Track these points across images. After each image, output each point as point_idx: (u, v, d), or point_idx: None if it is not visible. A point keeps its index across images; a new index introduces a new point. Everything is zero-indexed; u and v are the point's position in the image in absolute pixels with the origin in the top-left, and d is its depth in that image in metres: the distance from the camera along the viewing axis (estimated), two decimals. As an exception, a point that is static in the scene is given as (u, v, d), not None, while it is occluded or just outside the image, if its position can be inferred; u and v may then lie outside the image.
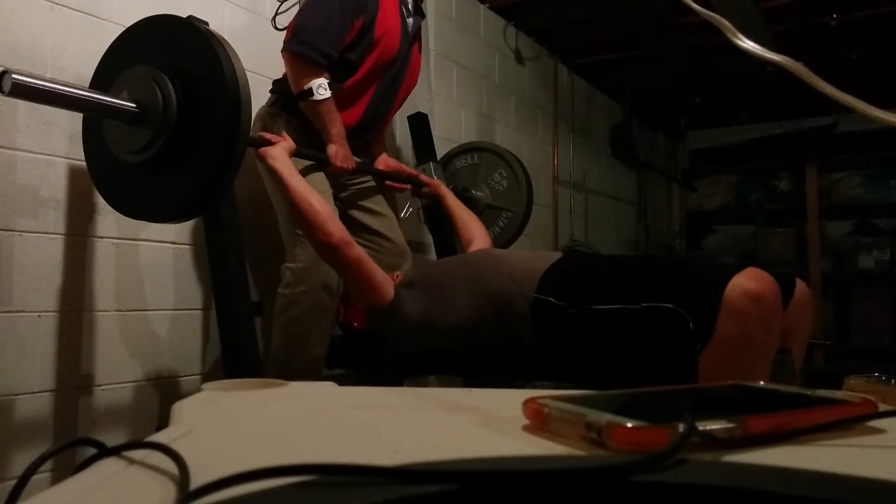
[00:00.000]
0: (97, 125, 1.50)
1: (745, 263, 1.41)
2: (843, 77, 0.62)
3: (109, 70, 1.50)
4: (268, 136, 1.70)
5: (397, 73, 2.02)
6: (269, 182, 1.88)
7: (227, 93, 1.31)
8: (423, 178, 2.28)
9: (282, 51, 1.84)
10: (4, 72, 1.19)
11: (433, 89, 2.84)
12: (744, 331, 1.30)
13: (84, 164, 1.68)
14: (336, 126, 1.86)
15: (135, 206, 1.52)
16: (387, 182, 2.19)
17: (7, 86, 1.19)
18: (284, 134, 1.73)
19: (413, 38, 2.07)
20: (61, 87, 1.32)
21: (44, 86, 1.28)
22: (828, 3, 3.18)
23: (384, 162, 2.18)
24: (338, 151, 1.87)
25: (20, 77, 1.21)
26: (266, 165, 1.65)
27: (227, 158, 1.34)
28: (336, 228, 1.59)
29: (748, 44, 0.66)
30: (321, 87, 1.80)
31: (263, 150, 1.65)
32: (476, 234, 2.10)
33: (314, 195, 1.62)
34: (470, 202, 2.47)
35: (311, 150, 1.83)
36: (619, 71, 4.21)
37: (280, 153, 1.65)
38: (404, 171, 2.23)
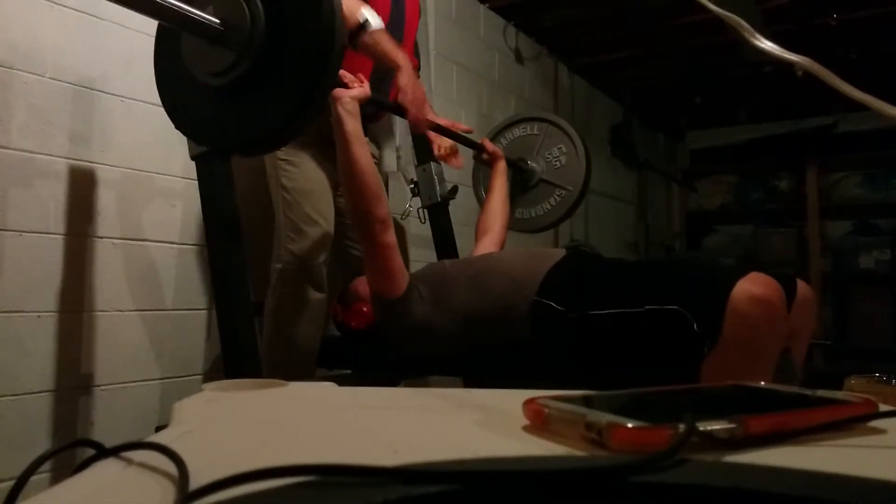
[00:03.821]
0: (174, 42, 1.38)
1: (749, 267, 1.41)
2: (843, 76, 0.61)
3: None
4: (346, 76, 1.59)
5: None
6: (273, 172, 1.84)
7: (320, 20, 1.21)
8: (487, 145, 2.23)
9: None
10: None
11: (433, 89, 2.84)
12: (749, 335, 1.30)
13: (84, 164, 1.68)
14: (401, 53, 1.70)
15: (208, 132, 1.41)
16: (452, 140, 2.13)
17: None
18: (362, 77, 1.63)
19: None
20: None
21: None
22: (828, 3, 3.18)
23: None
24: (407, 83, 1.70)
25: None
26: (333, 110, 1.55)
27: (315, 91, 1.24)
28: (381, 208, 1.56)
29: (766, 44, 0.66)
30: (372, 15, 1.68)
31: (337, 91, 1.55)
32: (495, 227, 2.06)
33: (373, 168, 1.57)
34: (524, 173, 2.42)
35: (384, 99, 1.73)
36: (619, 71, 4.21)
37: (351, 103, 1.55)
38: (460, 127, 2.15)
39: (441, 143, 2.21)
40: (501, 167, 2.22)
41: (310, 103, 1.26)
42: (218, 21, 1.25)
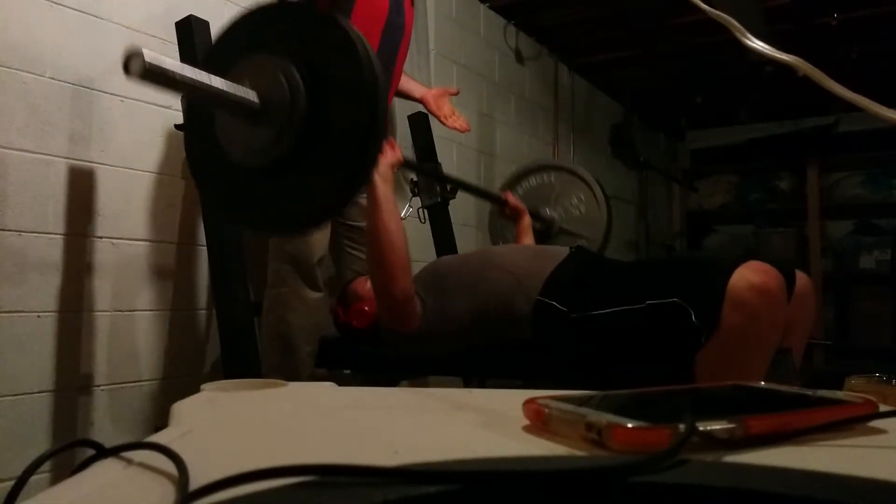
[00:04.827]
0: (206, 118, 1.32)
1: (748, 256, 1.40)
2: (843, 76, 0.61)
3: (223, 56, 1.29)
4: None
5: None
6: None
7: (364, 93, 1.15)
8: (510, 199, 2.19)
9: None
10: (136, 53, 0.94)
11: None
12: (749, 323, 1.29)
13: (83, 164, 1.68)
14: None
15: (245, 212, 1.33)
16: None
17: (137, 68, 0.95)
18: (392, 140, 1.60)
19: None
20: (188, 76, 1.10)
21: (174, 73, 1.05)
22: (828, 3, 3.18)
23: (434, 99, 2.13)
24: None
25: (153, 62, 0.98)
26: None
27: (359, 170, 1.19)
28: (405, 283, 1.53)
29: (757, 43, 0.66)
30: None
31: None
32: None
33: (401, 237, 1.53)
34: (543, 222, 2.40)
35: (419, 163, 1.74)
36: (619, 71, 4.21)
37: (386, 169, 1.50)
38: (451, 91, 2.19)
39: (442, 113, 2.19)
40: (526, 223, 2.17)
41: (353, 182, 1.18)
42: (256, 99, 1.17)
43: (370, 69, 1.15)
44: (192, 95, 1.22)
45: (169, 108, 1.86)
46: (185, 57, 1.69)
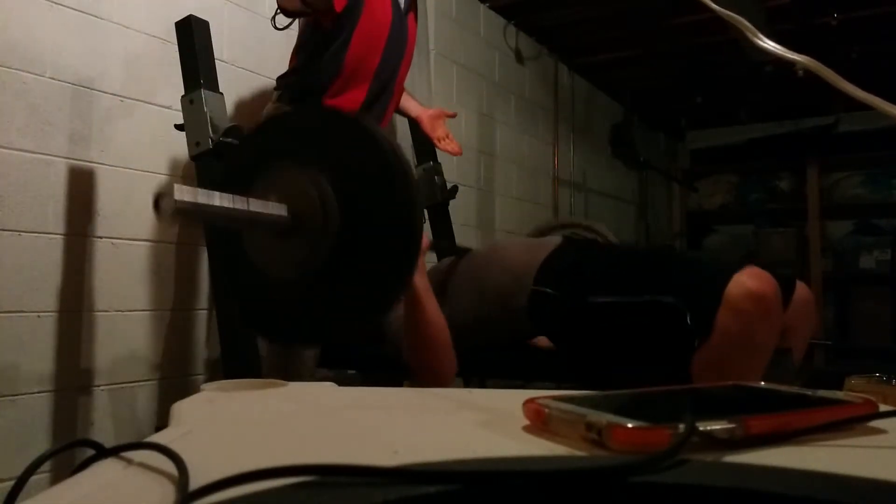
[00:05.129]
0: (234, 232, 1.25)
1: (746, 262, 1.40)
2: (843, 76, 0.62)
3: (246, 169, 1.23)
4: None
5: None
6: None
7: (400, 202, 1.10)
8: None
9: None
10: (166, 193, 0.93)
11: (433, 89, 2.84)
12: (744, 329, 1.29)
13: (83, 164, 1.68)
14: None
15: (280, 326, 1.27)
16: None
17: (168, 208, 0.95)
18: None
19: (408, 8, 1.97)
20: (219, 205, 1.05)
21: (203, 205, 1.02)
22: (828, 3, 3.18)
23: (429, 119, 2.14)
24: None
25: (184, 198, 0.96)
26: None
27: (395, 284, 1.13)
28: (451, 365, 1.51)
29: (769, 43, 0.66)
30: None
31: None
32: None
33: (443, 322, 1.49)
34: None
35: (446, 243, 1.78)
36: (619, 71, 4.21)
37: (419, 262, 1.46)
38: (448, 114, 2.23)
39: (436, 135, 2.20)
40: None
41: (393, 292, 1.15)
42: (287, 215, 1.11)
43: (403, 175, 1.08)
44: (225, 223, 1.16)
45: (169, 109, 1.86)
46: (186, 57, 1.70)
